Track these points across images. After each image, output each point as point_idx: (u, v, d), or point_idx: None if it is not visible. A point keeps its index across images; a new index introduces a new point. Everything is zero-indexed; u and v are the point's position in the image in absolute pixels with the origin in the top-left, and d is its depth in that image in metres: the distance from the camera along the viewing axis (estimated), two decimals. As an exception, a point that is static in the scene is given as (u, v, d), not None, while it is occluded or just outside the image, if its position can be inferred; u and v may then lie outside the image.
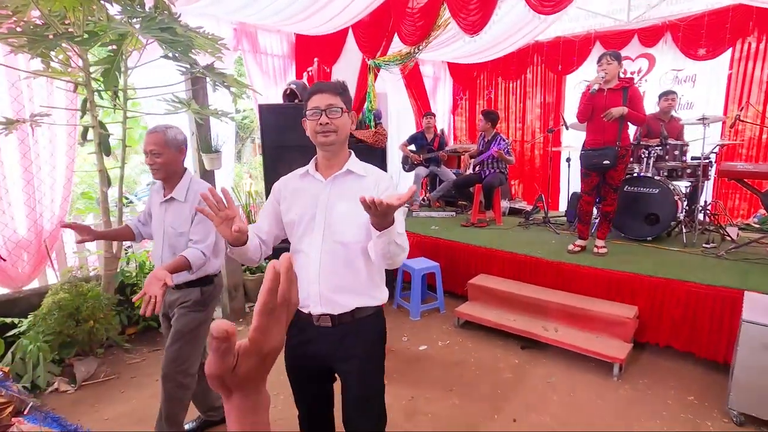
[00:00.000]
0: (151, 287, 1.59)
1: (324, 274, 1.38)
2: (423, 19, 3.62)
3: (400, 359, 3.09)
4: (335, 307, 1.40)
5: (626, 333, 2.91)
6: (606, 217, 3.56)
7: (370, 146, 3.73)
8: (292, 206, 1.45)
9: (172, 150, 1.90)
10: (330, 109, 1.37)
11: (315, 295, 1.39)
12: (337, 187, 1.42)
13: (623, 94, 3.24)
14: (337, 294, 1.39)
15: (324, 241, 1.38)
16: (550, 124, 6.30)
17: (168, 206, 1.95)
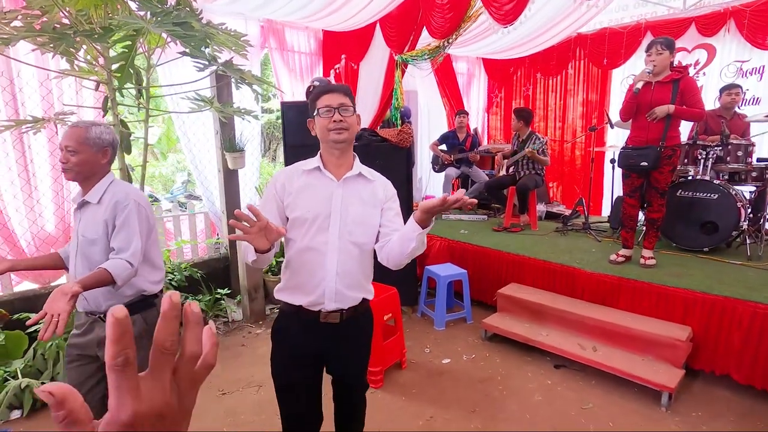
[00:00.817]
0: (54, 304, 1.35)
1: (341, 271, 1.42)
2: (453, 10, 3.40)
3: (421, 373, 2.89)
4: (346, 302, 1.45)
5: (678, 357, 2.57)
6: (653, 224, 3.20)
7: (395, 145, 3.54)
8: (300, 202, 1.43)
9: (92, 150, 1.61)
10: (342, 108, 1.40)
11: (331, 292, 1.42)
12: (349, 188, 1.45)
13: (673, 88, 2.88)
14: (349, 290, 1.45)
15: (341, 239, 1.41)
16: (593, 122, 5.86)
17: (82, 212, 1.66)
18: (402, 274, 3.65)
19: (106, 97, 2.83)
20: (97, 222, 1.61)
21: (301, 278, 1.44)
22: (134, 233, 1.61)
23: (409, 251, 1.33)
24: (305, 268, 1.43)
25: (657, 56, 2.84)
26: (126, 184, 1.75)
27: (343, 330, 1.48)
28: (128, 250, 1.58)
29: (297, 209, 1.42)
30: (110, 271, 1.50)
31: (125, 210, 1.61)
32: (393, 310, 2.86)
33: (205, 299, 3.59)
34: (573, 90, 6.23)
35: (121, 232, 1.60)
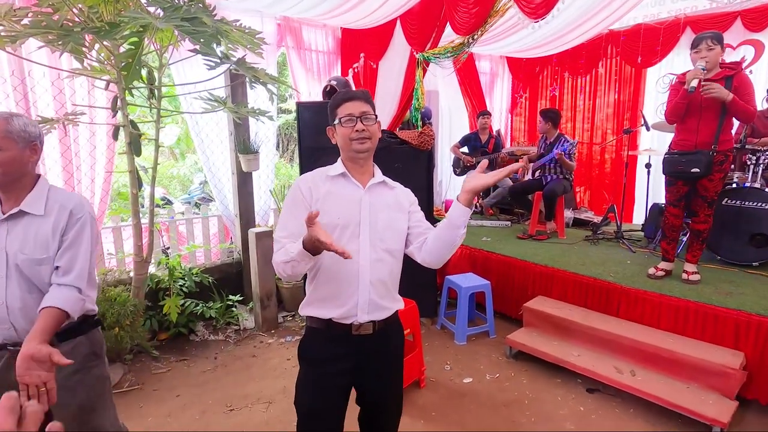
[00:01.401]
0: (31, 376, 1.15)
1: (374, 281, 1.37)
2: (479, 4, 3.19)
3: (441, 393, 2.69)
4: (380, 313, 1.40)
5: (730, 387, 2.30)
6: (698, 236, 2.92)
7: (415, 148, 3.35)
8: (327, 209, 1.35)
9: (18, 145, 1.35)
10: (365, 117, 1.36)
11: (364, 303, 1.37)
12: (375, 195, 1.42)
13: (725, 85, 2.60)
14: (382, 300, 1.40)
15: (372, 247, 1.37)
16: (626, 124, 5.54)
17: (13, 225, 1.36)
18: (421, 284, 3.49)
19: (115, 97, 2.72)
20: (44, 237, 1.36)
21: (332, 289, 1.38)
22: (84, 251, 1.40)
23: (459, 239, 1.33)
24: (337, 278, 1.36)
25: (708, 52, 2.56)
26: (64, 189, 1.52)
27: (376, 343, 1.42)
28: (73, 271, 1.37)
29: (325, 215, 1.32)
30: (63, 308, 1.29)
31: (78, 223, 1.40)
32: (412, 324, 2.66)
33: (216, 306, 3.47)
34: (603, 90, 5.91)
35: (69, 250, 1.38)
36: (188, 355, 3.20)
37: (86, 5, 2.41)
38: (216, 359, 3.13)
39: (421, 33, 3.79)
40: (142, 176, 2.99)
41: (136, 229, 2.90)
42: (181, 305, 3.23)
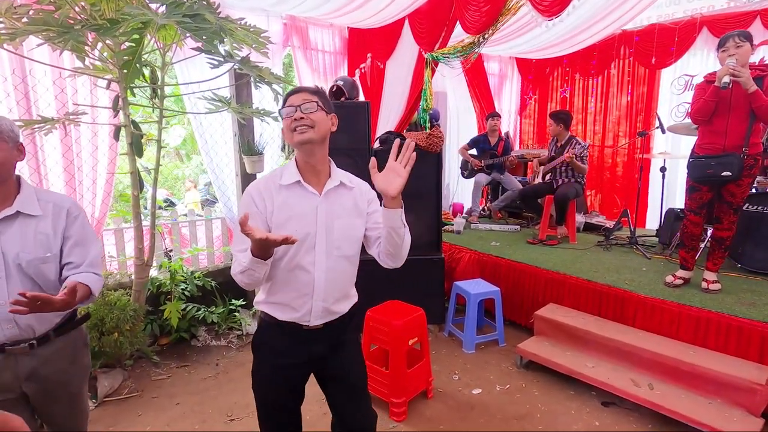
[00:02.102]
0: None
1: (328, 289, 1.38)
2: (490, 2, 3.09)
3: (449, 404, 2.59)
4: (332, 317, 1.42)
5: (756, 404, 2.17)
6: (720, 244, 2.79)
7: (423, 150, 3.26)
8: (289, 221, 1.34)
9: (9, 145, 1.33)
10: (304, 104, 1.29)
11: (318, 311, 1.38)
12: (331, 201, 1.38)
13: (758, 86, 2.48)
14: (336, 305, 1.42)
15: (328, 258, 1.36)
16: (639, 126, 5.41)
17: (6, 226, 1.33)
18: (428, 290, 3.40)
19: (116, 96, 2.66)
20: (45, 236, 1.37)
21: (286, 298, 1.38)
22: (91, 243, 1.47)
23: (406, 236, 1.34)
24: (291, 287, 1.36)
25: (737, 49, 2.44)
26: (47, 189, 1.56)
27: (329, 335, 1.44)
28: (86, 261, 1.43)
29: (281, 229, 1.32)
30: (89, 285, 1.35)
31: (78, 220, 1.45)
32: (419, 333, 2.56)
33: (219, 310, 3.39)
34: (615, 92, 5.78)
35: (78, 246, 1.43)
36: (189, 360, 3.12)
37: (88, 3, 2.35)
38: (217, 365, 3.05)
39: (429, 32, 3.70)
40: (145, 177, 2.93)
41: (138, 231, 2.83)
42: (183, 310, 3.16)
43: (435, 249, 3.45)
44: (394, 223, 1.30)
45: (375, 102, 4.41)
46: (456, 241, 4.21)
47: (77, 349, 1.51)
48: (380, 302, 2.71)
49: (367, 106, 3.27)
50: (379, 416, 2.46)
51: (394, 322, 2.41)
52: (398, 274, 3.32)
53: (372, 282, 3.29)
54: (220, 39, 2.39)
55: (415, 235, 3.75)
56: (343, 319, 1.46)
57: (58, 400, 1.47)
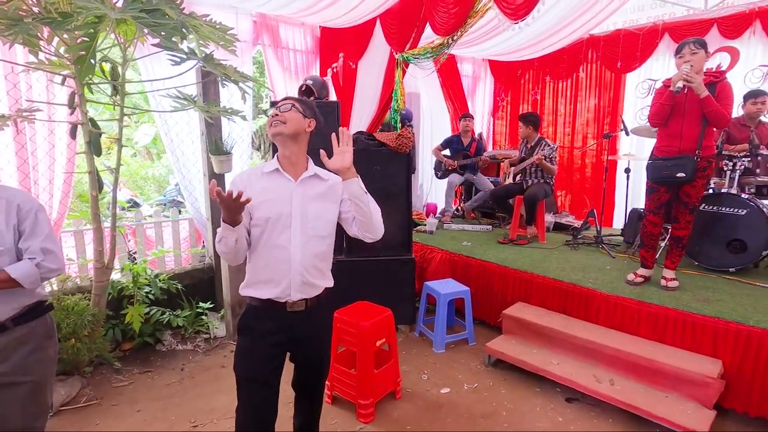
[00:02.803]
0: None
1: (305, 264, 1.54)
2: (458, 5, 3.12)
3: (418, 404, 2.59)
4: (311, 291, 1.58)
5: (708, 396, 2.26)
6: (678, 242, 2.90)
7: (393, 151, 3.26)
8: (262, 203, 1.52)
9: None
10: (283, 106, 1.54)
11: (297, 284, 1.53)
12: (306, 187, 1.56)
13: (710, 92, 2.59)
14: (314, 279, 1.57)
15: (303, 235, 1.53)
16: (606, 129, 5.56)
17: None
18: (399, 291, 3.40)
19: (72, 93, 2.55)
20: (2, 233, 1.42)
21: (268, 273, 1.53)
22: (42, 232, 1.50)
23: (371, 204, 1.53)
24: (271, 264, 1.53)
25: (692, 56, 2.54)
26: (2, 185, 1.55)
27: (308, 318, 1.59)
28: (33, 248, 1.46)
29: (260, 209, 1.51)
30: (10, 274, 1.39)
31: (31, 213, 1.48)
32: (387, 334, 2.56)
33: (185, 314, 3.31)
34: (584, 95, 5.93)
35: (30, 237, 1.47)
36: (153, 366, 3.03)
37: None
38: (183, 370, 2.98)
39: (400, 33, 3.71)
40: (108, 177, 2.82)
41: (97, 233, 2.73)
42: (146, 314, 3.06)
43: (405, 249, 3.45)
44: (356, 192, 1.48)
45: (347, 102, 4.39)
46: (428, 241, 4.23)
47: (39, 339, 1.53)
48: (350, 303, 2.69)
49: (337, 106, 3.25)
50: (347, 418, 2.46)
51: (362, 323, 2.40)
52: (368, 275, 3.36)
53: (342, 283, 3.29)
54: (181, 35, 2.32)
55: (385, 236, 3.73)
56: (319, 298, 1.61)
57: (21, 386, 1.48)
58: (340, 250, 3.42)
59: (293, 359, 1.70)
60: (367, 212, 1.51)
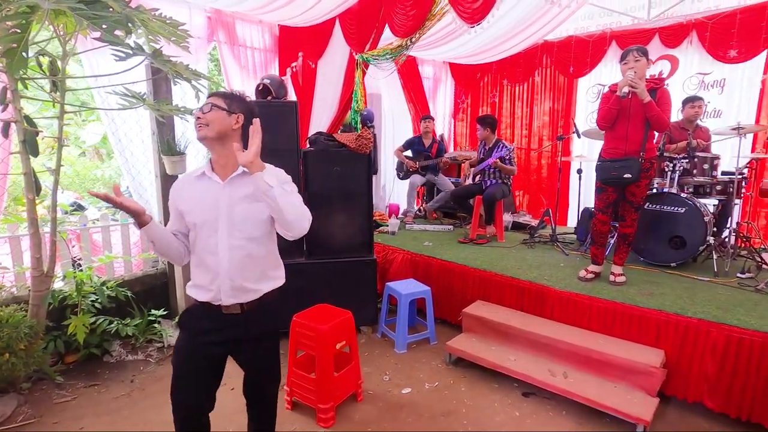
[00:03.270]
0: None
1: (234, 269, 1.50)
2: (416, 7, 3.15)
3: (379, 406, 2.59)
4: (246, 296, 1.54)
5: (652, 385, 2.39)
6: (624, 240, 3.05)
7: (353, 152, 3.24)
8: (192, 209, 1.52)
9: None
10: (205, 106, 1.47)
11: (227, 289, 1.50)
12: (234, 188, 1.50)
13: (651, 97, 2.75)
14: (248, 283, 1.53)
15: (230, 239, 1.49)
16: (560, 131, 5.79)
17: None
18: (360, 292, 3.39)
19: (4, 87, 2.37)
20: None
21: (201, 277, 1.54)
22: None
23: (279, 199, 1.35)
24: (202, 268, 1.54)
25: (635, 63, 2.70)
26: None
27: (246, 321, 1.55)
28: None
29: (190, 215, 1.53)
30: None
31: None
32: (347, 336, 2.54)
33: (135, 322, 3.15)
34: (540, 98, 6.15)
35: None
36: (100, 379, 2.86)
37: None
38: (133, 382, 2.83)
39: (359, 33, 3.70)
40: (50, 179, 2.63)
41: (35, 239, 2.55)
42: (93, 323, 2.89)
43: (367, 250, 3.44)
44: (261, 186, 1.35)
45: (307, 102, 4.33)
46: (390, 241, 4.24)
47: None
48: (310, 306, 2.65)
49: (295, 106, 3.20)
50: (307, 423, 2.42)
51: (321, 326, 2.37)
52: (329, 277, 3.32)
53: (302, 286, 3.24)
54: (126, 29, 2.21)
55: (346, 237, 3.71)
56: (262, 302, 1.57)
57: None
58: (301, 252, 3.37)
59: (238, 363, 1.67)
60: (276, 208, 1.38)
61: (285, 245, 3.25)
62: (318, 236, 3.34)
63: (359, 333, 3.47)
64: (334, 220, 3.35)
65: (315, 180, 3.30)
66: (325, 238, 3.35)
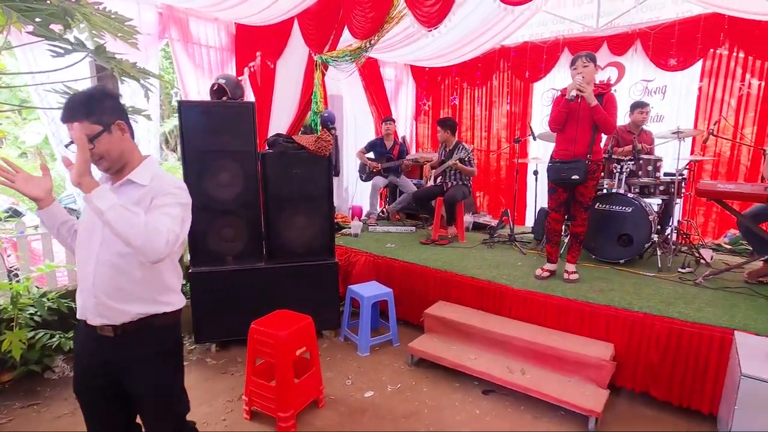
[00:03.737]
0: None
1: (100, 284, 1.37)
2: (374, 9, 3.15)
3: (341, 411, 2.56)
4: (116, 317, 1.38)
5: (602, 377, 2.50)
6: (576, 238, 3.18)
7: (313, 154, 3.20)
8: (83, 216, 1.45)
9: None
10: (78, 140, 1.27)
11: (91, 306, 1.38)
12: (118, 196, 1.33)
13: (598, 102, 2.88)
14: (116, 303, 1.37)
15: (101, 252, 1.37)
16: (517, 133, 5.98)
17: None
18: (322, 295, 3.34)
19: None
20: None
21: (78, 290, 1.43)
22: None
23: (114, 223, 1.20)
24: (79, 281, 1.42)
25: (583, 68, 2.83)
26: None
27: (123, 345, 1.40)
28: None
29: (81, 218, 1.46)
30: None
31: None
32: (308, 342, 2.50)
33: (81, 335, 2.95)
34: (498, 101, 6.32)
35: None
36: (40, 397, 2.67)
37: None
38: (78, 399, 2.65)
39: (318, 34, 3.66)
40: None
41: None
42: (31, 338, 2.69)
43: (328, 253, 3.40)
44: (93, 211, 1.21)
45: (266, 103, 4.23)
46: (353, 244, 4.22)
47: None
48: (270, 312, 2.59)
49: (253, 107, 3.11)
50: (267, 433, 2.36)
51: (279, 333, 2.32)
52: (290, 282, 3.26)
53: (262, 292, 3.17)
54: (64, 23, 2.07)
55: (307, 240, 3.64)
56: (141, 326, 1.40)
57: None
58: (260, 256, 3.29)
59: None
60: (115, 233, 1.23)
61: (244, 250, 3.20)
62: (278, 240, 3.28)
63: (321, 337, 3.43)
64: (295, 223, 3.30)
65: (274, 182, 3.23)
66: (286, 242, 3.29)
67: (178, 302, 1.50)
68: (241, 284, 3.15)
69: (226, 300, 3.12)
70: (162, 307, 1.44)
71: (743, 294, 2.88)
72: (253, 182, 3.18)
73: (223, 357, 3.16)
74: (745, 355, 2.00)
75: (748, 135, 4.49)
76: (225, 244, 3.19)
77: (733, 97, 4.53)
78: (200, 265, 3.12)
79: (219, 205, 3.11)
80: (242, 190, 3.15)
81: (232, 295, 3.12)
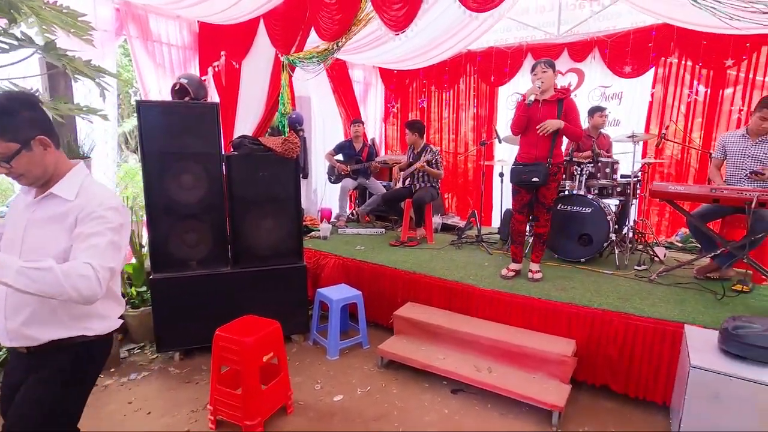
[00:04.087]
0: None
1: (12, 306, 1.26)
2: (342, 11, 3.15)
3: (310, 416, 2.53)
4: (29, 341, 1.29)
5: (565, 373, 2.59)
6: (539, 238, 3.29)
7: (280, 156, 3.15)
8: (6, 225, 1.38)
9: None
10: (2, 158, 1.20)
11: (2, 330, 1.28)
12: (41, 209, 1.31)
13: (558, 106, 3.00)
14: (29, 328, 1.27)
15: None
16: (483, 136, 6.11)
17: None
18: (290, 299, 3.30)
19: None
20: None
21: None
22: None
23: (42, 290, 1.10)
24: None
25: (542, 74, 2.93)
26: None
27: (33, 361, 1.32)
28: None
29: (4, 233, 1.39)
30: None
31: None
32: (275, 347, 2.46)
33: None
34: (465, 104, 6.43)
35: None
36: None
37: None
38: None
39: (285, 35, 3.62)
40: None
41: None
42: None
43: (296, 256, 3.36)
44: None
45: (231, 104, 4.14)
46: (322, 246, 4.19)
47: None
48: (236, 318, 2.53)
49: (216, 108, 3.04)
50: (232, 443, 2.30)
51: (245, 339, 2.27)
52: (257, 286, 3.20)
53: (227, 297, 3.10)
54: (10, 18, 1.95)
55: (275, 243, 3.59)
56: (51, 347, 1.29)
57: None
58: (225, 261, 3.21)
59: None
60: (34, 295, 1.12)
61: (208, 254, 3.11)
62: (244, 243, 3.21)
63: (290, 342, 3.38)
64: (262, 226, 3.24)
65: (240, 185, 3.16)
66: (252, 246, 3.23)
67: (101, 329, 1.37)
68: (206, 290, 3.07)
69: (189, 307, 3.03)
70: (77, 331, 1.32)
71: (693, 289, 3.05)
72: (218, 185, 3.10)
73: (186, 366, 3.07)
74: (693, 347, 2.12)
75: (696, 139, 4.78)
76: (188, 248, 3.09)
77: (682, 103, 4.81)
78: (162, 271, 3.02)
79: (182, 209, 3.02)
80: (206, 193, 3.06)
81: (196, 302, 3.03)
